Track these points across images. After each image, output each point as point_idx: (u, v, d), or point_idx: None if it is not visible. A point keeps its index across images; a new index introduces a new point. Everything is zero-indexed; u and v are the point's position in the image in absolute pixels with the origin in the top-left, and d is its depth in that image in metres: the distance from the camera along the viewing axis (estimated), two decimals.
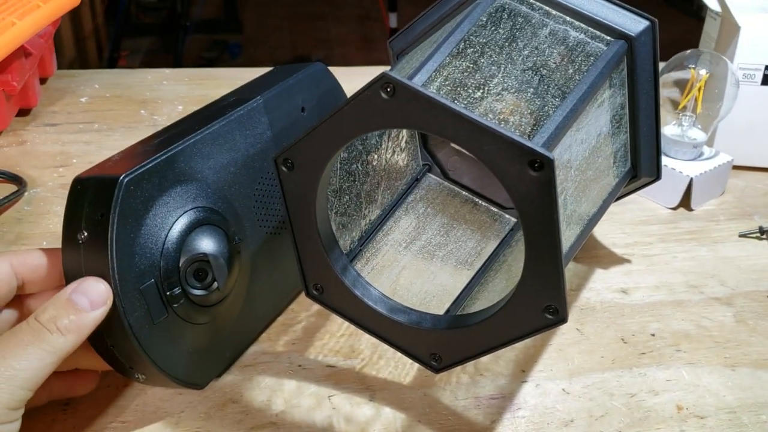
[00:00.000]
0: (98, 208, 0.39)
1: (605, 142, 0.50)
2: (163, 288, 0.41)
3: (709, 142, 0.75)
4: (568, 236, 0.48)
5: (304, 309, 0.54)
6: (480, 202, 0.60)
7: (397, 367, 0.50)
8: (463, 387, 0.48)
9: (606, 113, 0.49)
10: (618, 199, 0.61)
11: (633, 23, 0.51)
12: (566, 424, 0.46)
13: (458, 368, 0.48)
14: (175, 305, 0.41)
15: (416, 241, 0.53)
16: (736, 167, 0.76)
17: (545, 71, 0.45)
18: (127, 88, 0.86)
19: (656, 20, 0.51)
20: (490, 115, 0.45)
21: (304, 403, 0.47)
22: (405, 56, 0.55)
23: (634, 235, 0.65)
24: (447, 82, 0.43)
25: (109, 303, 0.39)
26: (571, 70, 0.45)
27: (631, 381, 0.50)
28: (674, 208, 0.69)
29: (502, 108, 0.42)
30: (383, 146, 0.54)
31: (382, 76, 0.36)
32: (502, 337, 0.40)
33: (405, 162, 0.58)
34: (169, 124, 0.80)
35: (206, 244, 0.43)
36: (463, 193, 0.60)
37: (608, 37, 0.49)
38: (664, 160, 0.69)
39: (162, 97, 0.84)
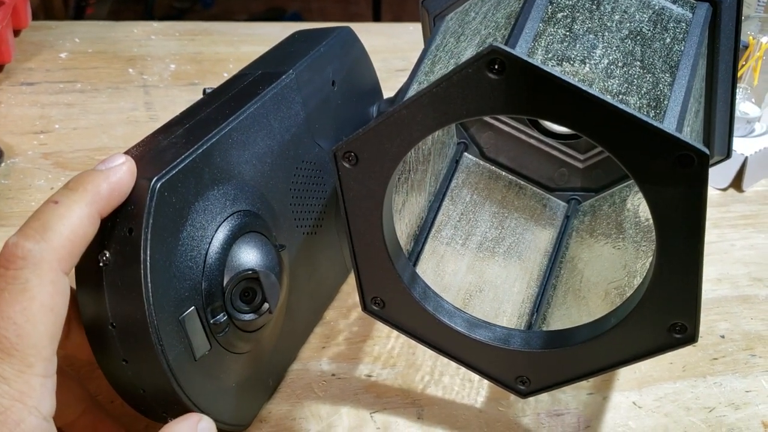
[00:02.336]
0: (125, 222, 0.31)
1: (695, 121, 0.44)
2: (206, 316, 0.34)
3: None
4: None
5: (341, 316, 0.48)
6: (524, 183, 0.53)
7: (443, 375, 0.44)
8: (523, 401, 0.42)
9: (700, 87, 0.43)
10: None
11: None
12: None
13: None
14: (220, 335, 0.34)
15: (472, 236, 0.47)
16: None
17: (643, 40, 0.38)
18: (112, 43, 0.77)
19: None
20: (609, 96, 0.39)
21: (343, 421, 0.40)
22: (448, 20, 0.48)
23: None
24: (549, 55, 0.35)
25: None
26: (668, 39, 0.38)
27: (707, 392, 0.44)
28: (724, 189, 0.64)
29: (618, 87, 0.35)
30: None
31: (491, 50, 0.29)
32: (613, 359, 0.34)
33: (444, 141, 0.51)
34: (161, 86, 0.73)
35: (253, 256, 0.35)
36: (504, 174, 0.54)
37: (691, 0, 0.43)
38: None
39: (152, 53, 0.76)
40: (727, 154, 0.51)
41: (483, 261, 0.46)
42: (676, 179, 0.30)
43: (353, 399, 0.42)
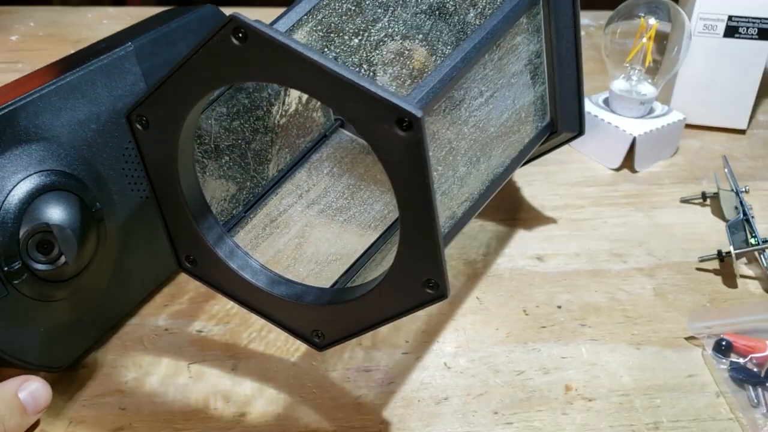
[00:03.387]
0: None
1: (516, 94, 0.45)
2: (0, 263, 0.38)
3: (666, 99, 0.70)
4: (457, 201, 0.44)
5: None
6: None
7: (270, 332, 0.46)
8: (337, 357, 0.45)
9: (516, 63, 0.44)
10: (541, 155, 0.57)
11: None
12: (438, 402, 0.43)
13: None
14: (16, 282, 0.38)
15: (314, 204, 0.50)
16: (692, 126, 0.70)
17: (442, 15, 0.40)
18: (64, 27, 0.82)
19: None
20: (365, 66, 0.41)
21: (160, 370, 0.44)
22: None
23: (566, 198, 0.61)
24: (319, 27, 0.38)
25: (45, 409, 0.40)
26: (472, 14, 0.41)
27: (523, 357, 0.46)
28: (617, 169, 0.65)
29: (381, 58, 0.37)
30: (279, 99, 0.50)
31: (231, 19, 0.32)
32: (383, 314, 0.37)
33: (312, 117, 0.54)
34: None
35: (52, 212, 0.39)
36: None
37: None
38: (609, 117, 0.64)
39: (99, 36, 0.79)
40: (580, 130, 0.52)
41: (316, 228, 0.48)
42: (399, 142, 0.32)
43: (177, 351, 0.45)
